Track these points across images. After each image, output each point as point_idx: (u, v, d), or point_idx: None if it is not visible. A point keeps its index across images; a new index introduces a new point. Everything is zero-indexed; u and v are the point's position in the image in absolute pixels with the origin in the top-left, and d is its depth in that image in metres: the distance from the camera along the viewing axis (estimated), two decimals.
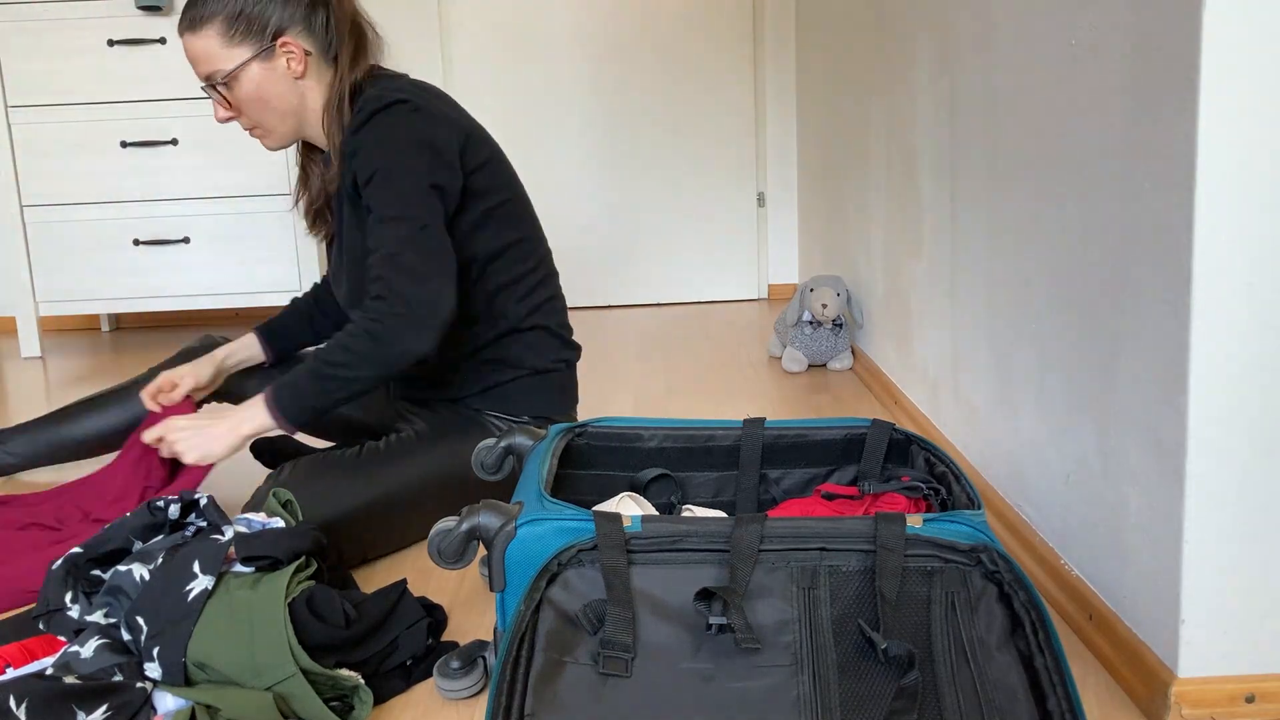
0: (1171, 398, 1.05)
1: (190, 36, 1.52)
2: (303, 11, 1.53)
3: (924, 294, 2.01)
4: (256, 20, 1.50)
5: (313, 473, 1.47)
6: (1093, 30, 1.21)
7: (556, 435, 1.23)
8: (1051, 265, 1.36)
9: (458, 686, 1.17)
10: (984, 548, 0.94)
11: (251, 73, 1.52)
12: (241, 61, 1.51)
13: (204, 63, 1.52)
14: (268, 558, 1.19)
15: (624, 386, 2.56)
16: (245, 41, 1.51)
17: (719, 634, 0.93)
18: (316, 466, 1.49)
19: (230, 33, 1.50)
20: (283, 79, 1.54)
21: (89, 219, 3.14)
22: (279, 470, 1.49)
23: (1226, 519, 1.04)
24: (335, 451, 1.54)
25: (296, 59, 1.53)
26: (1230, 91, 0.97)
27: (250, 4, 1.50)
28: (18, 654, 1.15)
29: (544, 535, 0.98)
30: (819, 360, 2.66)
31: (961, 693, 0.91)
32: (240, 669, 1.08)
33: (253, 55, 1.51)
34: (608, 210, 3.68)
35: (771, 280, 3.74)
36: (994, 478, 1.62)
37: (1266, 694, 1.07)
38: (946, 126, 1.81)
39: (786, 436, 1.29)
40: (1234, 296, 1.00)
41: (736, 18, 3.58)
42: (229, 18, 1.50)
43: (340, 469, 1.49)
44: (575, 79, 3.60)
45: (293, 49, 1.52)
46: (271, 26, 1.51)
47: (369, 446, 1.55)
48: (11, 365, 3.12)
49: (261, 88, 1.53)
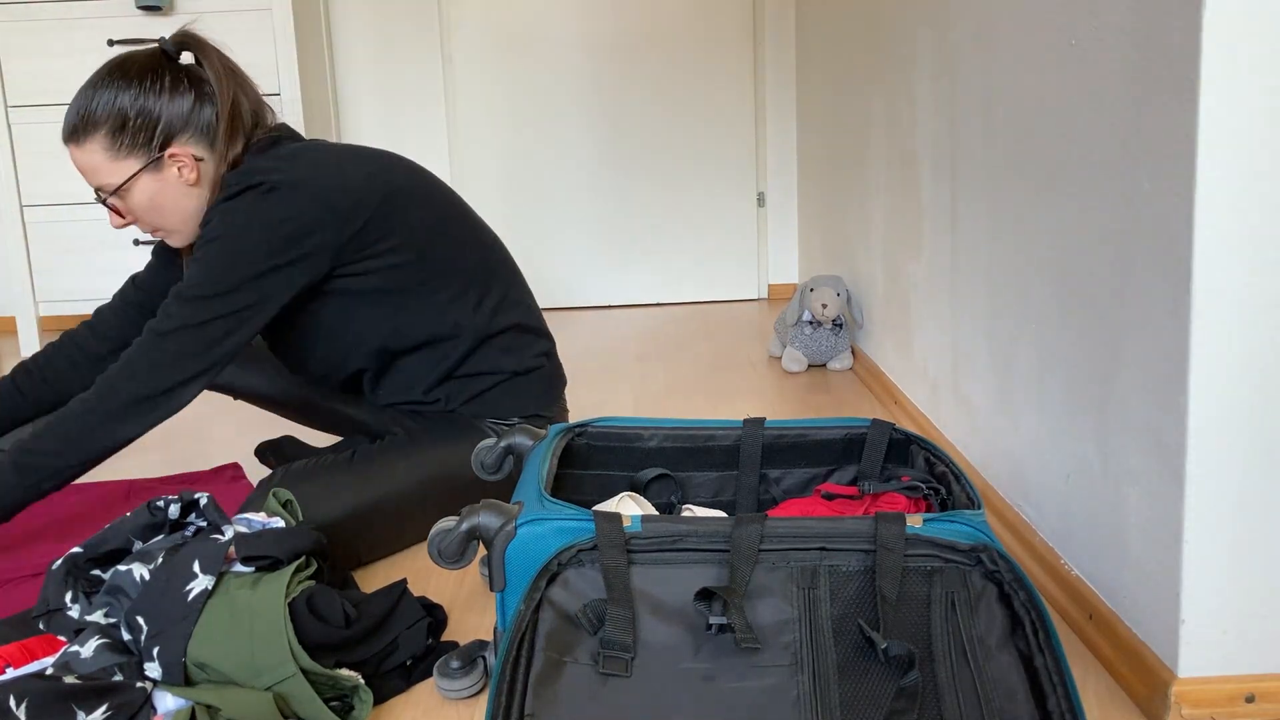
0: (1171, 398, 1.05)
1: (74, 149, 1.46)
2: (188, 114, 1.46)
3: (924, 294, 2.01)
4: (142, 131, 1.44)
5: (307, 476, 1.47)
6: (1093, 30, 1.21)
7: (556, 435, 1.23)
8: (1052, 265, 1.36)
9: (458, 686, 1.17)
10: (984, 547, 0.95)
11: (142, 185, 1.47)
12: (130, 175, 1.46)
13: (91, 175, 1.47)
14: (268, 557, 1.19)
15: (624, 386, 2.56)
16: (132, 154, 1.45)
17: (719, 634, 0.93)
18: (310, 469, 1.49)
19: (115, 145, 1.44)
20: (175, 188, 1.48)
21: (89, 219, 3.14)
22: (273, 474, 1.49)
23: (1226, 519, 1.04)
24: (329, 454, 1.54)
25: (188, 168, 1.47)
26: (1230, 90, 0.97)
27: (134, 115, 1.44)
28: (18, 654, 1.15)
29: (544, 535, 0.98)
30: (819, 360, 2.66)
31: (961, 693, 0.91)
32: (240, 669, 1.08)
33: (141, 167, 1.46)
34: (608, 210, 3.68)
35: (771, 280, 3.74)
36: (994, 478, 1.62)
37: (1266, 694, 1.07)
38: (946, 126, 1.81)
39: (786, 436, 1.29)
40: (1234, 296, 1.00)
41: (736, 18, 3.58)
42: (113, 130, 1.44)
43: (334, 472, 1.49)
44: (575, 79, 3.60)
45: (182, 159, 1.47)
46: (159, 136, 1.45)
47: (362, 450, 1.54)
48: (11, 365, 3.12)
49: (154, 198, 1.48)
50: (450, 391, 1.61)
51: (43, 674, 1.07)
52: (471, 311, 1.59)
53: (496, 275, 1.64)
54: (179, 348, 1.40)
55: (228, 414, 2.44)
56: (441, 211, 1.59)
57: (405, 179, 1.56)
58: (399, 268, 1.53)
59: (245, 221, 1.42)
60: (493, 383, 1.61)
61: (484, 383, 1.61)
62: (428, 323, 1.56)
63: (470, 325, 1.59)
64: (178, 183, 1.48)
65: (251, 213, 1.42)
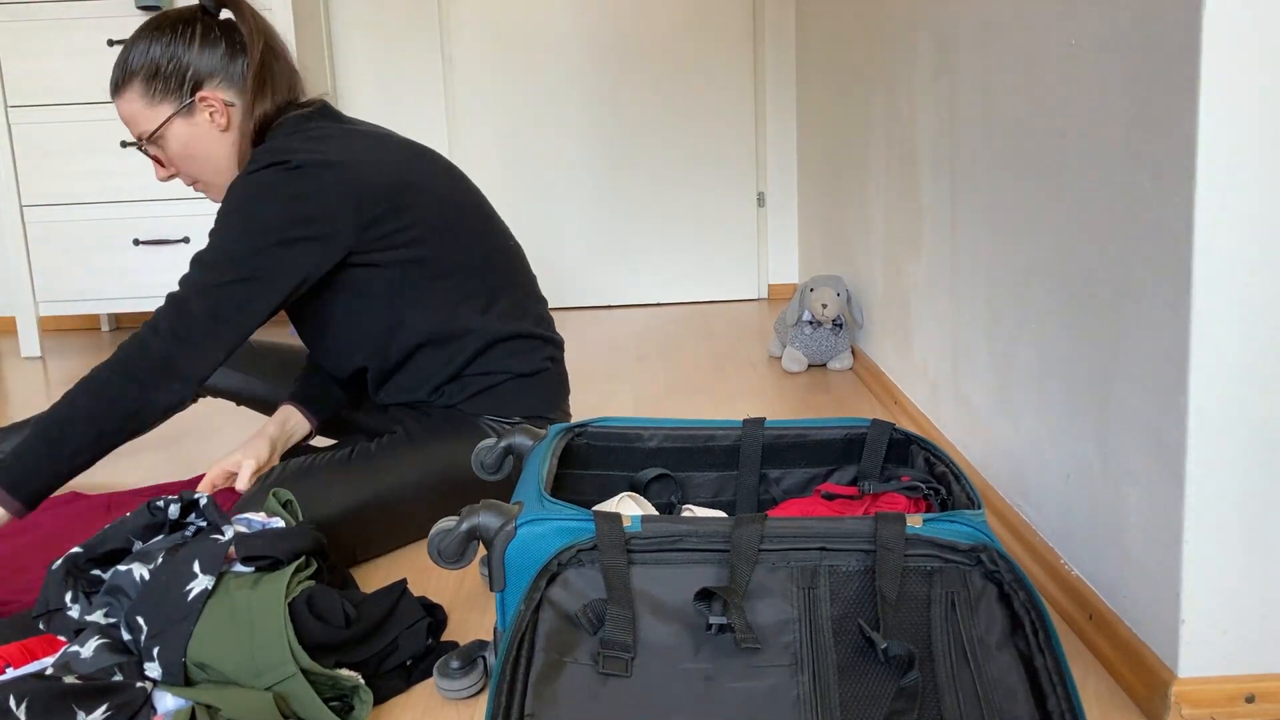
0: (1171, 398, 1.05)
1: (117, 100, 1.51)
2: (220, 62, 1.50)
3: (924, 294, 2.01)
4: (174, 77, 1.48)
5: (302, 474, 1.47)
6: (1093, 30, 1.21)
7: (556, 435, 1.23)
8: (1051, 265, 1.36)
9: (458, 686, 1.17)
10: (984, 547, 0.95)
11: (176, 130, 1.51)
12: (164, 119, 1.50)
13: (132, 124, 1.52)
14: (268, 557, 1.19)
15: (624, 386, 2.56)
16: (165, 99, 1.49)
17: (719, 634, 0.93)
18: (306, 468, 1.49)
19: (150, 92, 1.49)
20: (208, 133, 1.52)
21: (89, 219, 3.14)
22: (269, 473, 1.49)
23: (1226, 519, 1.04)
24: (326, 453, 1.54)
25: (219, 112, 1.51)
26: (1230, 91, 0.97)
27: (165, 61, 1.48)
28: (18, 654, 1.15)
29: (544, 535, 0.98)
30: (819, 360, 2.66)
31: (961, 693, 0.91)
32: (240, 669, 1.08)
33: (174, 112, 1.50)
34: (608, 210, 3.68)
35: (771, 280, 3.74)
36: (994, 478, 1.62)
37: (1266, 694, 1.07)
38: (946, 126, 1.81)
39: (786, 436, 1.29)
40: (1234, 296, 1.00)
41: (736, 18, 3.58)
42: (147, 77, 1.48)
43: (330, 470, 1.49)
44: (575, 79, 3.60)
45: (213, 103, 1.50)
46: (189, 81, 1.49)
47: (360, 447, 1.54)
48: (11, 365, 3.12)
49: (188, 144, 1.52)
50: (455, 389, 1.62)
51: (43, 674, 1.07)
52: (480, 314, 1.59)
53: (510, 281, 1.65)
54: (198, 311, 1.41)
55: (227, 417, 2.44)
56: (461, 211, 1.60)
57: (430, 173, 1.58)
58: (412, 263, 1.54)
59: (265, 195, 1.44)
60: (498, 381, 1.62)
61: (489, 380, 1.61)
62: (436, 321, 1.57)
63: (479, 328, 1.59)
64: (209, 127, 1.52)
65: (273, 187, 1.44)
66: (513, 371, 1.62)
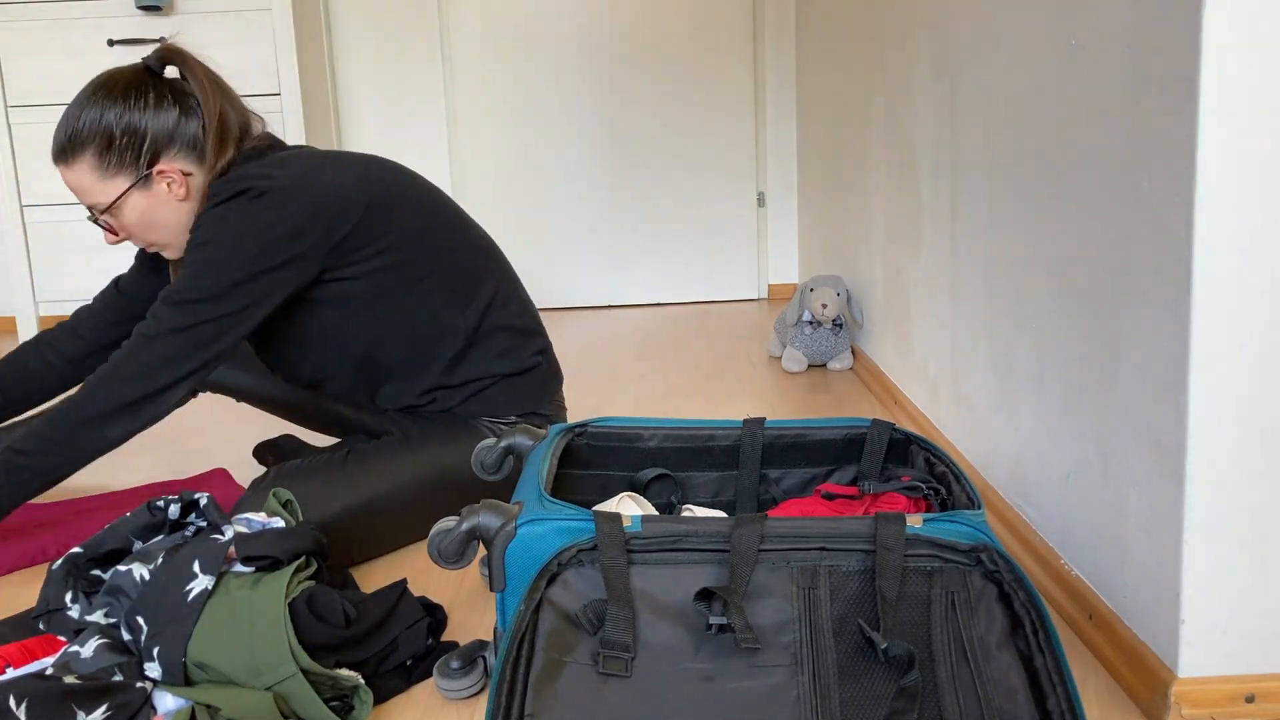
0: (1171, 398, 1.05)
1: (64, 169, 1.47)
2: (175, 128, 1.47)
3: (924, 294, 2.01)
4: (129, 149, 1.45)
5: (299, 475, 1.47)
6: (1093, 30, 1.21)
7: (556, 435, 1.23)
8: (1051, 265, 1.36)
9: (458, 686, 1.17)
10: (984, 548, 0.95)
11: (132, 202, 1.48)
12: (120, 193, 1.47)
13: (83, 195, 1.48)
14: (268, 557, 1.19)
15: (624, 386, 2.56)
16: (120, 172, 1.46)
17: (719, 634, 0.93)
18: (304, 469, 1.49)
19: (104, 164, 1.45)
20: (165, 202, 1.49)
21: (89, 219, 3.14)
22: (267, 473, 1.49)
23: (1226, 519, 1.04)
24: (323, 454, 1.54)
25: (177, 183, 1.48)
26: (1230, 91, 0.97)
27: (120, 133, 1.44)
28: (18, 654, 1.15)
29: (544, 535, 0.98)
30: (819, 360, 2.66)
31: (961, 693, 0.91)
32: (240, 669, 1.08)
33: (130, 185, 1.46)
34: (608, 210, 3.68)
35: (771, 280, 3.74)
36: (994, 478, 1.62)
37: (1266, 694, 1.07)
38: (946, 126, 1.81)
39: (786, 436, 1.29)
40: (1234, 296, 1.00)
41: (736, 18, 3.58)
42: (100, 151, 1.44)
43: (327, 471, 1.49)
44: (575, 79, 3.60)
45: (171, 175, 1.47)
46: (146, 153, 1.45)
47: (358, 449, 1.54)
48: None
49: (145, 215, 1.49)
50: (446, 395, 1.61)
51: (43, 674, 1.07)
52: (460, 313, 1.58)
53: (487, 275, 1.63)
54: (167, 351, 1.41)
55: (226, 414, 2.44)
56: (429, 214, 1.59)
57: (392, 181, 1.57)
58: (386, 270, 1.53)
59: (235, 227, 1.42)
60: (489, 383, 1.61)
61: (480, 385, 1.61)
62: (416, 327, 1.56)
63: (460, 326, 1.58)
64: (167, 198, 1.49)
65: (241, 218, 1.42)
66: (501, 373, 1.61)
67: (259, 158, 1.51)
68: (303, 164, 1.50)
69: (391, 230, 1.53)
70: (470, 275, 1.61)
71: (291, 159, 1.51)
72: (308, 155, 1.53)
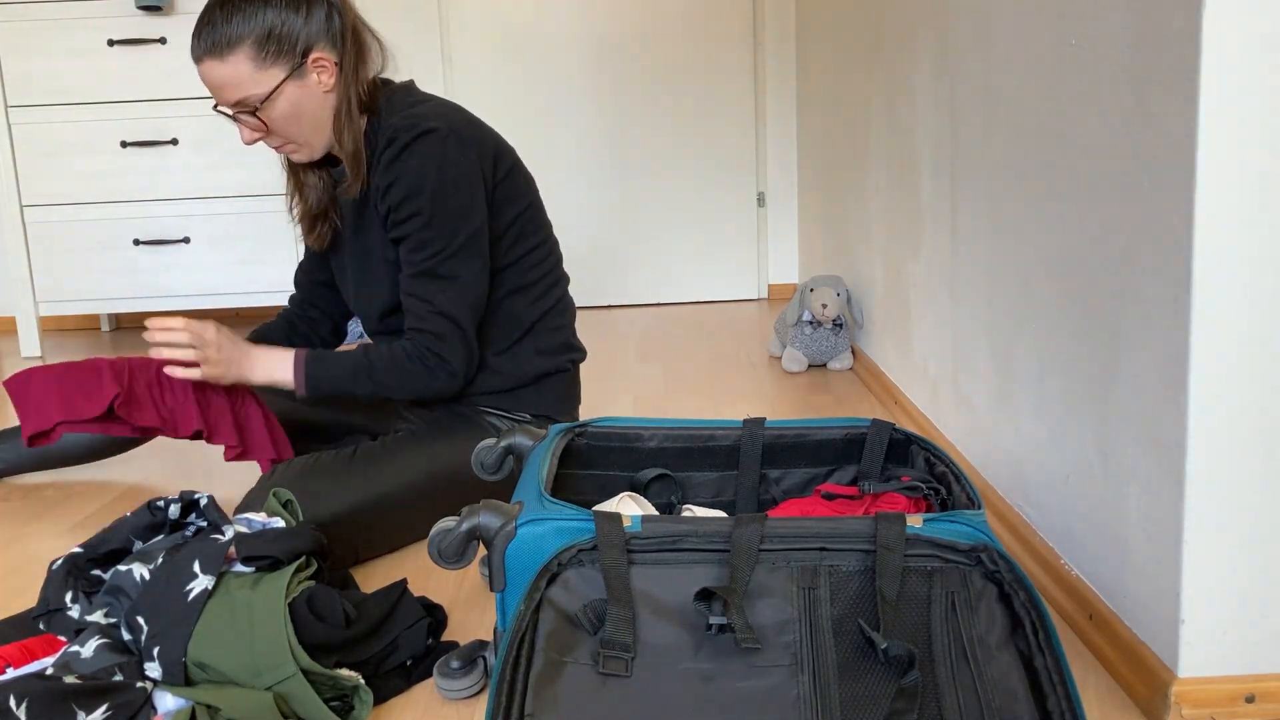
0: (1171, 398, 1.05)
1: (214, 63, 1.46)
2: (324, 24, 1.50)
3: (924, 294, 2.01)
4: (287, 39, 1.47)
5: (305, 473, 1.47)
6: (1093, 30, 1.21)
7: (556, 435, 1.23)
8: (1052, 265, 1.36)
9: (458, 686, 1.17)
10: (984, 548, 0.95)
11: (287, 93, 1.49)
12: (277, 83, 1.48)
13: (233, 88, 1.48)
14: (268, 557, 1.19)
15: (624, 386, 2.56)
16: (278, 62, 1.47)
17: (719, 634, 0.93)
18: (309, 467, 1.49)
19: (262, 55, 1.46)
20: (314, 94, 1.52)
21: (89, 219, 3.14)
22: (271, 471, 1.49)
23: (1226, 519, 1.04)
24: (328, 452, 1.54)
25: (328, 73, 1.51)
26: (1230, 91, 0.97)
27: (279, 23, 1.46)
28: (18, 654, 1.15)
29: (544, 535, 0.98)
30: (819, 360, 2.66)
31: (961, 693, 0.91)
32: (240, 669, 1.08)
33: (287, 75, 1.48)
34: (608, 210, 3.68)
35: (771, 280, 3.75)
36: (994, 478, 1.62)
37: (1266, 694, 1.07)
38: (946, 126, 1.81)
39: (786, 436, 1.29)
40: (1234, 296, 1.00)
41: (736, 18, 3.58)
42: (259, 40, 1.45)
43: (333, 470, 1.49)
44: (576, 79, 3.60)
45: (324, 63, 1.51)
46: (302, 43, 1.48)
47: (363, 447, 1.54)
48: (11, 365, 3.12)
49: (297, 106, 1.51)
50: (477, 381, 1.64)
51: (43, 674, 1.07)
52: (529, 305, 1.64)
53: (562, 279, 1.71)
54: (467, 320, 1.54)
55: None
56: (534, 193, 1.67)
57: (513, 155, 1.64)
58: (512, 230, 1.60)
59: (442, 170, 1.49)
60: (518, 380, 1.65)
61: (510, 379, 1.64)
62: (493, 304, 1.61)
63: (520, 317, 1.63)
64: (317, 89, 1.52)
65: (442, 160, 1.49)
66: (534, 368, 1.65)
67: (412, 96, 1.57)
68: (461, 112, 1.58)
69: (515, 201, 1.61)
70: (550, 273, 1.67)
71: (450, 106, 1.58)
72: (453, 103, 1.61)
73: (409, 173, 1.48)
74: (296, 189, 1.66)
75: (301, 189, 1.65)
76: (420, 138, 1.48)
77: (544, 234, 1.66)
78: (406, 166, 1.48)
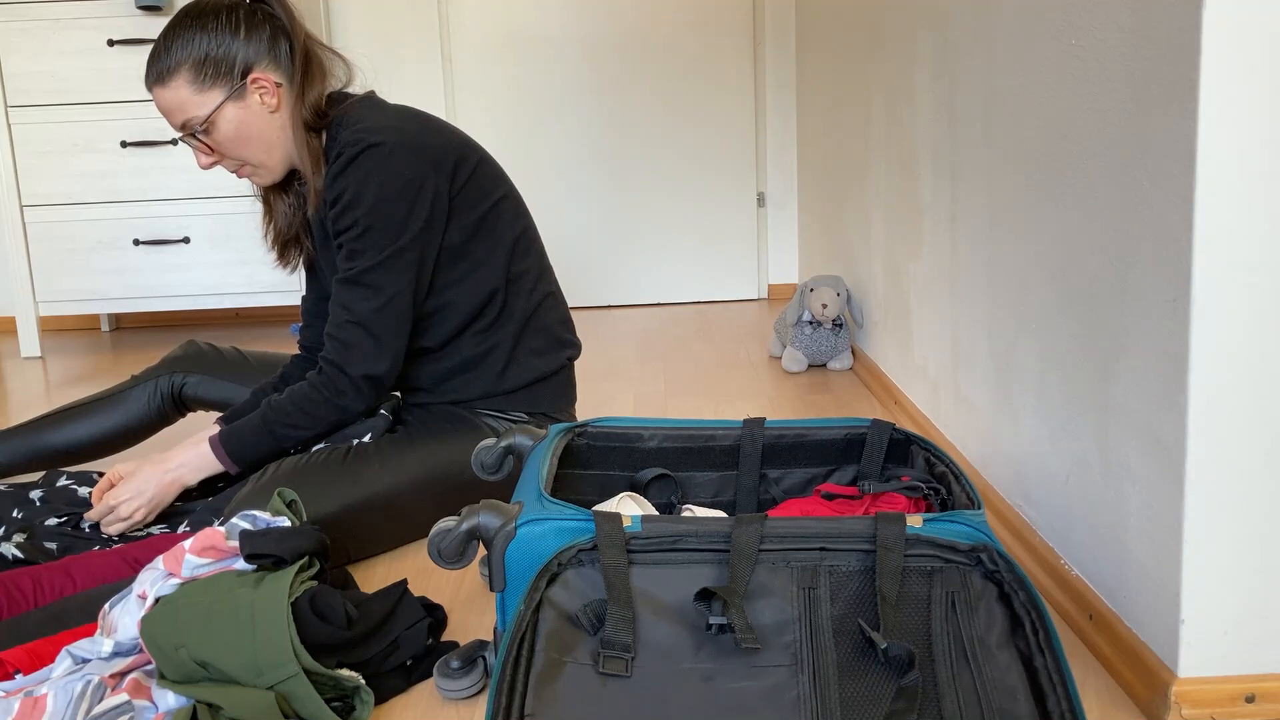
0: (1171, 398, 1.05)
1: (159, 89, 1.50)
2: (267, 45, 1.52)
3: (924, 294, 2.01)
4: (224, 61, 1.49)
5: (298, 472, 1.47)
6: (1093, 30, 1.21)
7: (556, 435, 1.23)
8: (1051, 265, 1.36)
9: (458, 686, 1.17)
10: (984, 548, 0.95)
11: (227, 115, 1.51)
12: (215, 105, 1.50)
13: (177, 112, 1.52)
14: (271, 556, 1.19)
15: (624, 386, 2.56)
16: (215, 84, 1.50)
17: (719, 634, 0.93)
18: (302, 467, 1.49)
19: (199, 78, 1.49)
20: (258, 114, 1.53)
21: (89, 219, 3.14)
22: (262, 471, 1.49)
23: (1226, 519, 1.04)
24: (322, 452, 1.54)
25: (269, 93, 1.53)
26: (1230, 91, 0.97)
27: (215, 46, 1.49)
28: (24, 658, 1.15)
29: (544, 535, 0.98)
30: (819, 360, 2.66)
31: (961, 693, 0.91)
32: (242, 668, 1.08)
33: (225, 97, 1.50)
34: (608, 210, 3.69)
35: (771, 280, 3.75)
36: (994, 478, 1.62)
37: (1266, 694, 1.07)
38: (946, 126, 1.81)
39: (786, 436, 1.29)
40: (1234, 296, 1.00)
41: (736, 18, 3.58)
42: (196, 63, 1.49)
43: (327, 469, 1.49)
44: (575, 79, 3.60)
45: (264, 84, 1.52)
46: (239, 65, 1.50)
47: (358, 446, 1.54)
48: (11, 365, 3.12)
49: (241, 127, 1.53)
50: (472, 380, 1.64)
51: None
52: (521, 298, 1.65)
53: (547, 272, 1.72)
54: (380, 328, 1.52)
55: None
56: (507, 186, 1.67)
57: (478, 153, 1.64)
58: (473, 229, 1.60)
59: (380, 183, 1.49)
60: (515, 378, 1.65)
61: (506, 379, 1.64)
62: (482, 299, 1.61)
63: (513, 311, 1.64)
64: (260, 109, 1.53)
65: (384, 173, 1.49)
66: (530, 366, 1.65)
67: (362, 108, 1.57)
68: (417, 118, 1.58)
69: (484, 197, 1.61)
70: (533, 266, 1.67)
71: (406, 113, 1.58)
72: (412, 111, 1.61)
73: (350, 185, 1.49)
74: (267, 212, 1.68)
75: (271, 211, 1.67)
76: (364, 152, 1.49)
77: (524, 226, 1.67)
78: (348, 180, 1.50)
